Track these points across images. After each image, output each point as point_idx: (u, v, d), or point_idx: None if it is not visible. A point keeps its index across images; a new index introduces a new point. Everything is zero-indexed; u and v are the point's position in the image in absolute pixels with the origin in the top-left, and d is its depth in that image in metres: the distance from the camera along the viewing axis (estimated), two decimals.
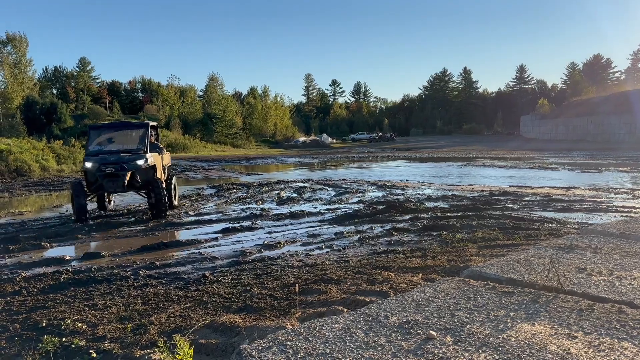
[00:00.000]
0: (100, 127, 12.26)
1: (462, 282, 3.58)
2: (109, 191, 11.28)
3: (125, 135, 11.87)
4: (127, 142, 11.60)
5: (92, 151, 11.03)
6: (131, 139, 11.73)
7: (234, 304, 4.96)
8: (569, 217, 9.59)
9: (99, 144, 11.36)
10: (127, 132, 12.00)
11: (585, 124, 53.05)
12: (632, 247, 4.55)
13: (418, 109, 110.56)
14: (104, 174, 10.48)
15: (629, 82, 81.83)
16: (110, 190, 11.06)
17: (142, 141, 11.45)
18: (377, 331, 2.72)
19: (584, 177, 17.72)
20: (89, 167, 10.67)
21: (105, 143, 11.43)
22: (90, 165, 10.65)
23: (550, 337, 2.61)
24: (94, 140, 11.38)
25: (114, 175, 10.57)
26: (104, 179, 10.51)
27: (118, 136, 11.79)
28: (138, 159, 10.93)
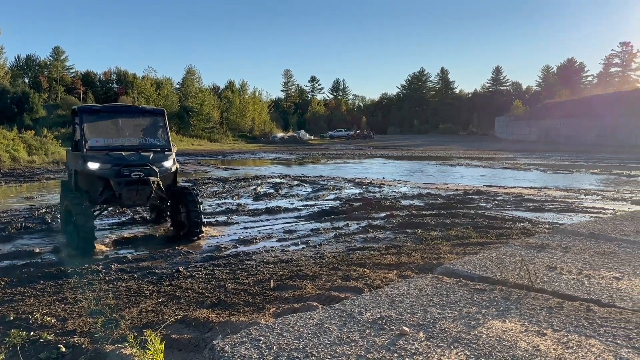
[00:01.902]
0: (97, 112, 8.22)
1: (436, 279, 3.62)
2: (127, 205, 8.26)
3: (133, 125, 8.53)
4: (137, 134, 8.40)
5: (96, 147, 7.73)
6: (143, 130, 8.51)
7: (208, 299, 4.92)
8: (541, 216, 9.79)
9: (101, 135, 8.02)
10: (136, 120, 8.61)
11: (558, 126, 54.18)
12: (600, 247, 4.67)
13: (396, 108, 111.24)
14: (126, 181, 7.51)
15: (601, 86, 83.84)
16: (130, 204, 8.10)
17: (162, 134, 8.54)
18: (351, 327, 2.73)
19: (555, 178, 18.10)
20: (97, 169, 7.51)
21: (110, 135, 8.16)
22: (97, 166, 7.50)
23: (520, 334, 2.66)
24: (91, 129, 7.95)
25: (142, 182, 7.66)
26: (126, 187, 7.56)
27: (124, 125, 8.45)
28: (165, 159, 8.06)
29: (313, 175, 19.21)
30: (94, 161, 7.58)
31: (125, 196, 7.71)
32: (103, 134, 8.08)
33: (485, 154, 35.97)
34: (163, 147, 8.35)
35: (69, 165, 8.97)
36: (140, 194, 7.85)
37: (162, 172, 7.93)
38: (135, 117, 8.62)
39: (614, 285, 3.52)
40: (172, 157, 8.25)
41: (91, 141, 7.85)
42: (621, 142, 42.00)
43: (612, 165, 24.02)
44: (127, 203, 8.00)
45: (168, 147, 8.37)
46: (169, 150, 8.32)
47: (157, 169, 7.80)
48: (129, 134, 8.35)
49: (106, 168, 7.53)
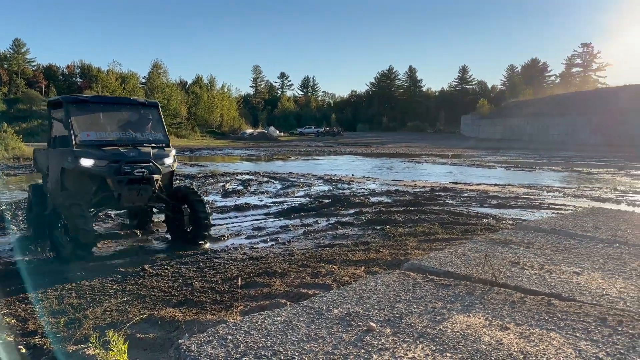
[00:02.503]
0: (84, 103, 7.31)
1: (403, 275, 3.67)
2: (124, 207, 7.40)
3: (126, 118, 7.64)
4: (131, 129, 7.50)
5: (87, 141, 6.80)
6: (136, 124, 7.65)
7: (174, 297, 4.85)
8: (505, 213, 10.02)
9: (90, 129, 7.07)
10: (128, 112, 7.73)
11: (522, 124, 55.54)
12: (561, 242, 4.81)
13: (365, 105, 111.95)
14: (128, 179, 6.74)
15: (563, 86, 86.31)
16: (129, 206, 7.25)
17: (158, 128, 7.76)
18: (318, 324, 2.73)
19: (519, 176, 18.56)
20: (91, 166, 6.63)
21: (100, 128, 7.23)
22: (91, 163, 6.62)
23: (484, 328, 2.71)
24: (79, 122, 6.98)
25: (145, 181, 6.90)
26: (126, 186, 6.77)
27: (116, 118, 7.53)
28: (166, 155, 7.33)
29: (282, 172, 19.16)
30: (87, 157, 6.63)
31: (125, 197, 6.88)
32: (92, 127, 7.13)
33: (451, 151, 36.58)
34: (161, 142, 7.57)
35: (41, 165, 8.05)
36: (141, 195, 7.05)
37: (164, 169, 7.23)
38: (127, 110, 7.78)
39: (574, 279, 3.63)
40: (172, 153, 7.52)
41: (82, 135, 6.84)
42: (582, 141, 43.37)
43: (573, 163, 24.78)
44: (126, 205, 7.14)
45: (167, 143, 7.64)
46: (167, 146, 7.59)
47: (159, 167, 7.08)
48: (121, 128, 7.42)
49: (102, 165, 6.67)
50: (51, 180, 7.47)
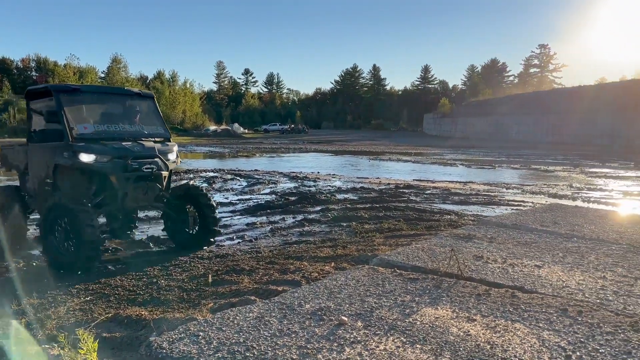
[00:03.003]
0: (76, 92, 6.55)
1: (372, 270, 3.72)
2: (128, 208, 6.61)
3: (121, 110, 6.95)
4: (128, 121, 6.83)
5: (85, 135, 6.11)
6: (132, 116, 6.96)
7: (140, 296, 4.76)
8: (466, 209, 10.26)
9: (85, 121, 6.43)
10: (123, 104, 7.04)
11: (482, 123, 56.87)
12: (522, 237, 4.97)
13: (330, 103, 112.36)
14: (137, 176, 6.16)
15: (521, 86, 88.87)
16: (134, 206, 6.62)
17: (157, 121, 7.13)
18: (291, 319, 2.75)
19: (479, 173, 19.02)
20: (92, 162, 5.93)
21: (98, 121, 6.59)
22: (93, 159, 5.92)
23: (451, 320, 2.79)
24: (71, 114, 6.27)
25: (153, 178, 6.35)
26: (133, 184, 6.19)
27: (111, 110, 6.85)
28: (170, 151, 6.71)
29: (248, 169, 19.02)
30: (88, 152, 5.91)
31: (131, 196, 6.24)
32: (86, 119, 6.46)
33: (414, 149, 37.14)
34: (162, 136, 6.96)
35: (14, 163, 7.25)
36: (148, 194, 6.42)
37: (170, 165, 6.66)
38: (122, 101, 7.08)
39: (535, 272, 3.76)
40: (175, 149, 6.89)
41: (78, 128, 6.11)
42: (540, 139, 44.78)
43: (531, 160, 25.55)
44: (131, 205, 6.47)
45: (168, 137, 7.05)
46: (168, 140, 6.98)
47: (167, 163, 6.49)
48: (118, 120, 6.75)
49: (105, 161, 6.00)
50: (34, 180, 6.71)
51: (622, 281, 3.53)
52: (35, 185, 6.69)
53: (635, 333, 2.57)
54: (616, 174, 18.04)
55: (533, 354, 2.37)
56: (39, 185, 6.61)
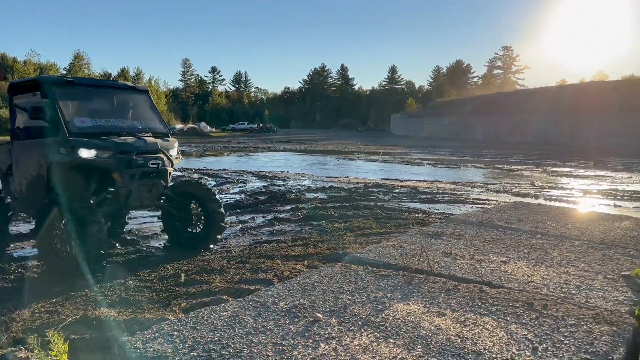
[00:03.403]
0: (69, 84, 6.09)
1: (344, 267, 3.76)
2: (131, 208, 6.33)
3: (116, 104, 6.56)
4: (124, 116, 6.46)
5: (84, 129, 5.74)
6: (128, 111, 6.60)
7: (108, 297, 4.67)
8: (433, 207, 10.45)
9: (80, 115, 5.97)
10: (118, 98, 6.65)
11: (448, 123, 57.91)
12: (489, 234, 5.11)
13: (298, 102, 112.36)
14: (142, 172, 5.85)
15: (485, 87, 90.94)
16: (137, 205, 6.30)
17: (154, 116, 6.79)
18: (265, 316, 2.76)
19: (445, 172, 19.37)
20: (93, 157, 5.57)
21: (94, 115, 6.14)
22: (94, 154, 5.56)
23: (423, 315, 2.85)
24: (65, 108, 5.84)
25: (158, 174, 6.09)
26: (138, 181, 5.87)
27: (106, 104, 6.45)
28: (171, 147, 6.41)
29: (216, 169, 18.84)
30: (88, 147, 5.52)
31: (135, 194, 5.90)
32: (80, 114, 6.02)
33: (382, 149, 37.51)
34: (162, 132, 6.60)
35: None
36: (152, 192, 6.11)
37: (174, 162, 6.39)
38: (116, 95, 6.64)
39: (502, 268, 3.88)
40: (176, 145, 6.55)
41: (75, 122, 5.71)
42: (503, 139, 45.90)
43: (494, 160, 26.17)
44: (134, 204, 6.13)
45: (167, 133, 6.70)
46: (168, 136, 6.65)
47: (171, 159, 6.20)
48: (115, 115, 6.36)
49: (107, 156, 5.61)
50: (21, 181, 6.24)
51: (584, 276, 3.68)
52: (23, 186, 6.23)
53: (597, 325, 2.69)
54: (576, 173, 18.67)
55: (502, 346, 2.45)
56: (28, 187, 6.15)
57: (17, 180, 6.31)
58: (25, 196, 6.22)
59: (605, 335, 2.55)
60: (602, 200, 11.54)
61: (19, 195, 6.33)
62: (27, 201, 6.21)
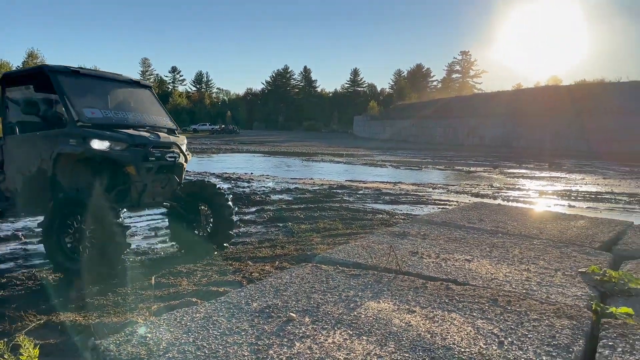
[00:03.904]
0: (75, 74, 5.75)
1: (315, 268, 3.80)
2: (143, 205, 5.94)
3: (122, 97, 6.27)
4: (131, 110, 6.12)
5: (94, 120, 5.39)
6: (135, 105, 6.29)
7: (72, 302, 4.56)
8: (397, 208, 10.65)
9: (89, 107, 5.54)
10: (124, 91, 6.37)
11: (409, 126, 58.90)
12: (452, 233, 5.26)
13: (261, 103, 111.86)
14: (160, 165, 5.58)
15: (444, 91, 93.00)
16: (149, 203, 5.94)
17: (161, 112, 6.52)
18: (239, 317, 2.76)
19: (407, 174, 19.72)
20: (107, 149, 5.23)
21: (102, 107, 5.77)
22: (107, 145, 5.22)
23: (394, 312, 2.92)
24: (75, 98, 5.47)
25: (174, 169, 5.88)
26: (157, 174, 5.61)
27: (112, 97, 6.12)
28: (182, 143, 6.15)
29: None
30: (101, 139, 5.16)
31: (149, 190, 5.61)
32: (87, 105, 5.64)
33: (346, 150, 37.81)
34: (171, 128, 6.32)
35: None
36: (166, 188, 5.86)
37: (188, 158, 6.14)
38: (121, 88, 6.36)
39: (466, 266, 4.00)
40: (185, 141, 6.30)
41: (85, 112, 5.34)
42: (461, 142, 47.05)
43: (454, 162, 26.81)
44: (146, 201, 5.79)
45: (176, 129, 6.42)
46: (175, 132, 6.36)
47: (185, 154, 5.95)
48: (122, 108, 6.02)
49: (121, 149, 5.24)
50: (17, 177, 5.85)
51: (544, 273, 3.84)
52: (18, 184, 5.81)
53: (558, 319, 2.82)
54: (532, 175, 19.36)
55: (470, 341, 2.54)
56: (26, 184, 5.75)
57: (11, 177, 5.91)
58: (22, 194, 5.81)
59: (566, 328, 2.68)
60: (558, 201, 12.02)
61: (12, 194, 5.93)
62: (25, 200, 5.81)
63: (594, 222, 6.24)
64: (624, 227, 5.90)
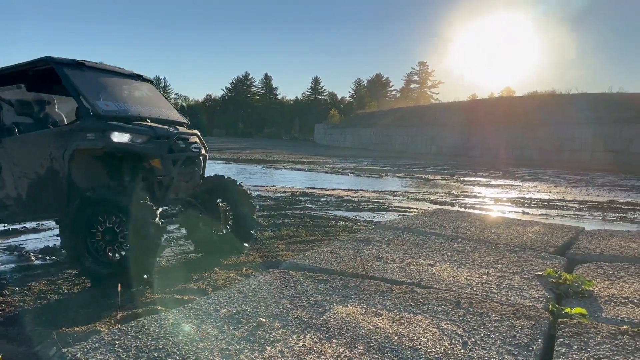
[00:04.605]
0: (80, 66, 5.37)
1: (283, 273, 3.83)
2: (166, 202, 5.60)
3: (129, 91, 5.99)
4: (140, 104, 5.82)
5: (110, 112, 5.05)
6: (142, 99, 6.02)
7: (29, 312, 4.41)
8: (359, 215, 10.77)
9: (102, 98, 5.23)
10: (130, 85, 6.07)
11: (369, 134, 59.64)
12: (415, 239, 5.39)
13: (221, 110, 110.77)
14: (187, 156, 5.35)
15: (403, 100, 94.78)
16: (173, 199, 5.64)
17: (168, 106, 6.34)
18: (209, 323, 2.76)
19: (368, 181, 19.97)
20: (129, 142, 4.89)
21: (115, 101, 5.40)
22: (128, 138, 4.87)
23: (361, 316, 2.98)
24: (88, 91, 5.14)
25: (200, 160, 5.75)
26: (183, 167, 5.36)
27: (120, 91, 5.81)
28: (198, 137, 5.95)
29: None
30: (122, 131, 4.82)
31: (175, 184, 5.30)
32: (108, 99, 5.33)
33: (307, 158, 37.91)
34: (182, 122, 6.02)
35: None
36: (190, 182, 5.57)
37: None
38: (125, 82, 6.02)
39: (429, 270, 4.12)
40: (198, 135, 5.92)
41: (99, 105, 5.00)
42: (420, 150, 48.01)
43: (413, 170, 27.32)
44: (170, 197, 5.48)
45: (187, 123, 6.11)
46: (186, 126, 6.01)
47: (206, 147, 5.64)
48: (131, 102, 5.67)
49: (142, 141, 4.90)
50: (19, 183, 5.39)
51: (503, 276, 4.00)
52: (22, 189, 5.38)
53: (518, 320, 2.95)
54: (488, 182, 19.96)
55: (435, 341, 2.63)
56: (33, 188, 5.32)
57: (11, 184, 5.43)
58: (28, 201, 5.37)
59: (525, 329, 2.81)
60: (513, 208, 12.45)
61: (13, 202, 5.46)
62: (32, 206, 5.38)
63: (548, 228, 6.52)
64: (576, 232, 6.19)
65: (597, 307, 3.35)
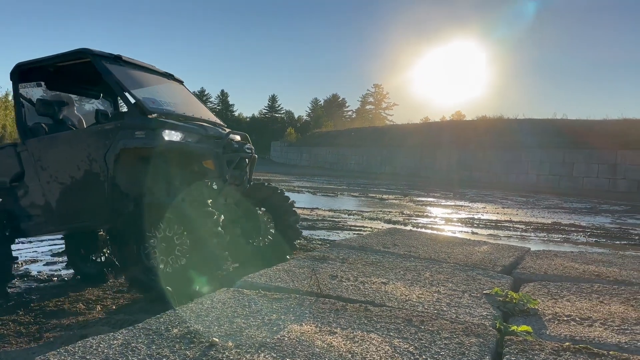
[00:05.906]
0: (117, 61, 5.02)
1: (237, 292, 3.79)
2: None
3: (165, 90, 5.62)
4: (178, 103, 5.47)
5: (156, 109, 4.74)
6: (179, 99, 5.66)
7: None
8: (314, 233, 10.81)
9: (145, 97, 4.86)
10: (165, 83, 5.78)
11: (325, 153, 60.12)
12: (369, 257, 5.46)
13: None
14: (240, 157, 5.06)
15: (359, 121, 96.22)
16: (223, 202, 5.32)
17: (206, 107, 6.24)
18: (159, 343, 2.69)
19: (324, 200, 20.09)
20: (183, 140, 4.59)
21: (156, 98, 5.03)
22: (181, 137, 4.55)
23: (316, 334, 2.99)
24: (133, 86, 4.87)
25: (251, 162, 5.49)
26: (235, 169, 5.05)
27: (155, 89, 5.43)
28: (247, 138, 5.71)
29: None
30: (174, 130, 4.50)
31: (227, 187, 5.08)
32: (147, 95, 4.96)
33: (263, 176, 37.68)
34: (219, 124, 5.66)
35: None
36: (239, 186, 5.31)
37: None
38: (160, 80, 5.69)
39: (382, 288, 4.18)
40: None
41: (146, 101, 4.67)
42: (375, 170, 48.74)
43: (367, 189, 27.69)
44: (219, 200, 5.19)
45: (224, 125, 5.75)
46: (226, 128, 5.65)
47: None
48: (170, 100, 5.32)
49: (193, 140, 4.62)
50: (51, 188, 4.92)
51: (453, 294, 4.10)
52: (54, 195, 4.91)
53: (467, 337, 3.03)
54: (439, 203, 20.47)
55: (388, 358, 2.66)
56: (69, 193, 4.86)
57: (38, 190, 4.97)
58: (61, 208, 4.91)
59: (474, 346, 2.89)
60: (463, 228, 12.81)
61: (40, 212, 5.03)
62: (63, 215, 4.93)
63: (495, 248, 6.75)
64: (522, 252, 6.43)
65: (542, 325, 3.48)
